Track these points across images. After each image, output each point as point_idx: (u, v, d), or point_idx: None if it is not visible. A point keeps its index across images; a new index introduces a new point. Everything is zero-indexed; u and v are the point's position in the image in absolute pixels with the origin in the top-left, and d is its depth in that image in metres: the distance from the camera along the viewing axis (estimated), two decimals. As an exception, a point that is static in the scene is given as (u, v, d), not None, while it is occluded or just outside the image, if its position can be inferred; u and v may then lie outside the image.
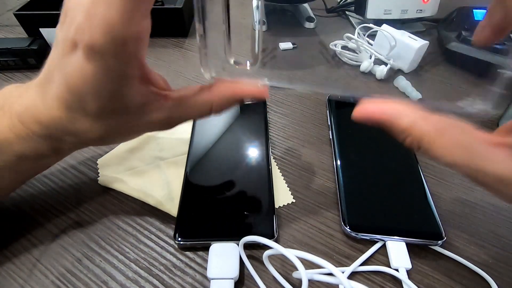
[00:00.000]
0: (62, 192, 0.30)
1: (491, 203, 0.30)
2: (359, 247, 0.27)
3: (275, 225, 0.27)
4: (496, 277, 0.25)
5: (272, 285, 0.24)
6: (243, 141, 0.34)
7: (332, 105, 0.39)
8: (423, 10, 0.53)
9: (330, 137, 0.35)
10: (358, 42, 0.47)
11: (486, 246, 0.27)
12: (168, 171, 0.31)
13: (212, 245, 0.25)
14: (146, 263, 0.25)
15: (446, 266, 0.26)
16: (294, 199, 0.30)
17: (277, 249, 0.21)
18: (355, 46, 0.48)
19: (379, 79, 0.45)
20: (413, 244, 0.26)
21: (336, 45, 0.49)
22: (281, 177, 0.32)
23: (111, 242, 0.27)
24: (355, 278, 0.25)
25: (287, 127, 0.37)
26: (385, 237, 0.26)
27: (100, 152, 0.33)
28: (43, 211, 0.28)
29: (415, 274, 0.25)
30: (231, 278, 0.23)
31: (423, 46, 0.44)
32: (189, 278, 0.25)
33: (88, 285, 0.24)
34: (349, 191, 0.29)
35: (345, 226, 0.27)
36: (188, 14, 0.54)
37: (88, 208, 0.29)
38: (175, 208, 0.28)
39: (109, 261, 0.25)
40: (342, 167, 0.31)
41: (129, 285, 0.24)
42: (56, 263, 0.25)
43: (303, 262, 0.20)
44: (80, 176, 0.31)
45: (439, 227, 0.27)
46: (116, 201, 0.29)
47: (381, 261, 0.26)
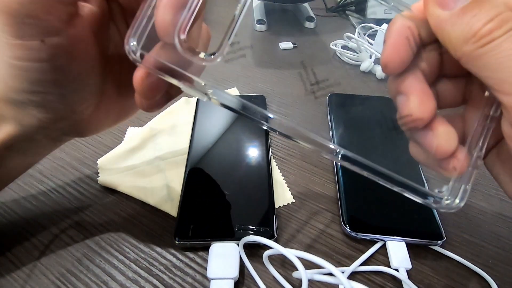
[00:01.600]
0: (62, 192, 0.30)
1: (491, 203, 0.30)
2: (359, 247, 0.27)
3: (275, 225, 0.27)
4: (496, 277, 0.25)
5: (272, 285, 0.24)
6: (243, 141, 0.34)
7: (332, 105, 0.39)
8: (423, 10, 0.53)
9: (330, 137, 0.35)
10: (358, 41, 0.47)
11: (486, 246, 0.27)
12: (168, 171, 0.31)
13: (212, 245, 0.25)
14: (146, 263, 0.26)
15: (446, 266, 0.26)
16: (294, 199, 0.30)
17: (277, 249, 0.21)
18: (355, 45, 0.48)
19: (380, 79, 0.45)
20: (413, 244, 0.26)
21: (336, 45, 0.49)
22: (281, 177, 0.32)
23: (111, 242, 0.27)
24: (355, 278, 0.25)
25: (287, 127, 0.37)
26: (385, 237, 0.26)
27: (100, 152, 0.33)
28: (43, 211, 0.28)
29: (415, 274, 0.25)
30: (231, 278, 0.23)
31: (423, 46, 0.44)
32: (189, 278, 0.25)
33: (88, 285, 0.24)
34: (349, 191, 0.29)
35: (345, 226, 0.27)
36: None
37: (88, 208, 0.29)
38: (175, 208, 0.28)
39: (109, 261, 0.25)
40: (342, 167, 0.31)
41: (129, 285, 0.24)
42: (56, 263, 0.25)
43: (303, 262, 0.20)
44: (80, 176, 0.31)
45: (439, 227, 0.27)
46: (116, 201, 0.29)
47: (381, 261, 0.26)
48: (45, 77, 0.18)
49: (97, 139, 0.35)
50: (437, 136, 0.16)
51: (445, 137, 0.16)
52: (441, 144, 0.16)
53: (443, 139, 0.16)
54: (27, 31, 0.16)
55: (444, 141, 0.16)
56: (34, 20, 0.16)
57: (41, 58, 0.17)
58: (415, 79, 0.16)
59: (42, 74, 0.18)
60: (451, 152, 0.16)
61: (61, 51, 0.17)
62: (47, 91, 0.18)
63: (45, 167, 0.32)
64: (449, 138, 0.16)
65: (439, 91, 0.18)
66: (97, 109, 0.22)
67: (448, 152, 0.16)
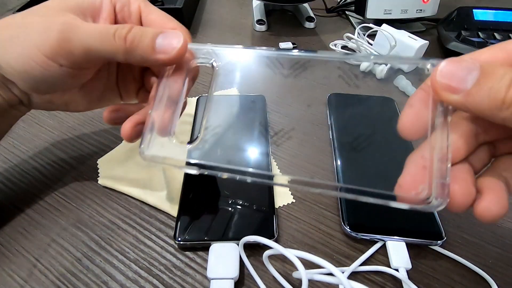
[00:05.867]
0: (62, 192, 0.30)
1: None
2: (359, 247, 0.27)
3: (275, 225, 0.27)
4: (496, 277, 0.25)
5: (272, 285, 0.24)
6: (243, 141, 0.34)
7: (332, 105, 0.39)
8: (423, 10, 0.53)
9: (330, 137, 0.35)
10: (358, 42, 0.47)
11: (486, 246, 0.27)
12: (168, 171, 0.31)
13: (212, 245, 0.25)
14: (146, 263, 0.25)
15: (446, 266, 0.26)
16: (294, 199, 0.30)
17: (277, 249, 0.21)
18: (355, 46, 0.48)
19: (379, 79, 0.45)
20: (413, 244, 0.26)
21: (336, 45, 0.49)
22: (281, 177, 0.32)
23: (111, 242, 0.27)
24: (355, 278, 0.25)
25: (287, 127, 0.37)
26: (385, 237, 0.26)
27: (100, 152, 0.33)
28: (43, 211, 0.28)
29: (415, 274, 0.25)
30: (231, 278, 0.23)
31: (423, 46, 0.44)
32: (189, 278, 0.25)
33: (88, 285, 0.24)
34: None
35: (345, 226, 0.27)
36: (188, 14, 0.54)
37: (88, 208, 0.29)
38: (175, 208, 0.28)
39: (109, 261, 0.25)
40: (342, 167, 0.31)
41: (129, 285, 0.24)
42: (56, 263, 0.25)
43: (303, 262, 0.20)
44: (80, 176, 0.31)
45: (439, 227, 0.27)
46: (116, 201, 0.29)
47: (381, 261, 0.26)
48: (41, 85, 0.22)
49: (97, 139, 0.35)
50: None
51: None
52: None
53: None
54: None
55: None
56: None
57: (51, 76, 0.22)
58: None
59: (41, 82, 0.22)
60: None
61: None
62: (38, 88, 0.23)
63: (45, 167, 0.32)
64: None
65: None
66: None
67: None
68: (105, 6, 0.24)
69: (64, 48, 0.20)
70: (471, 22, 0.50)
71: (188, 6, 0.53)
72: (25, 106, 0.25)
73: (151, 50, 0.21)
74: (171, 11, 0.50)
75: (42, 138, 0.35)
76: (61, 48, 0.20)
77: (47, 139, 0.35)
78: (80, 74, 0.23)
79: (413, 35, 0.45)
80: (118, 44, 0.20)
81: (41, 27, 0.21)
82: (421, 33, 0.56)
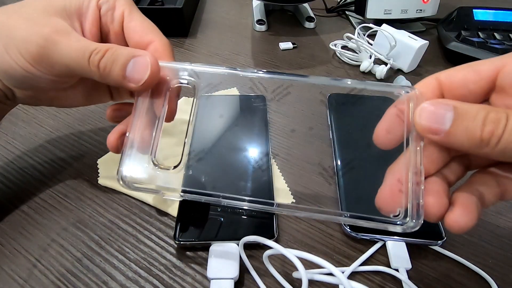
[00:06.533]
0: (62, 192, 0.30)
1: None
2: (359, 247, 0.27)
3: (275, 225, 0.27)
4: (496, 277, 0.25)
5: (272, 285, 0.24)
6: (243, 141, 0.34)
7: (332, 105, 0.39)
8: (423, 10, 0.53)
9: (330, 137, 0.35)
10: (358, 42, 0.47)
11: (486, 246, 0.27)
12: (168, 171, 0.31)
13: (212, 245, 0.25)
14: (146, 263, 0.25)
15: (446, 266, 0.26)
16: (294, 199, 0.30)
17: (277, 249, 0.21)
18: (355, 46, 0.48)
19: (379, 79, 0.45)
20: (413, 244, 0.26)
21: (336, 45, 0.49)
22: (281, 177, 0.32)
23: (111, 242, 0.27)
24: (355, 278, 0.25)
25: (287, 127, 0.37)
26: (385, 237, 0.26)
27: (100, 152, 0.33)
28: (43, 211, 0.28)
29: (415, 274, 0.25)
30: (231, 278, 0.23)
31: (423, 46, 0.44)
32: (189, 278, 0.25)
33: (88, 285, 0.24)
34: (349, 191, 0.29)
35: (345, 226, 0.27)
36: (188, 14, 0.54)
37: (88, 208, 0.29)
38: (175, 208, 0.28)
39: (109, 261, 0.25)
40: (342, 167, 0.31)
41: (129, 285, 0.24)
42: (56, 263, 0.25)
43: (303, 262, 0.20)
44: (80, 176, 0.31)
45: (439, 227, 0.27)
46: (116, 201, 0.29)
47: (381, 261, 0.26)
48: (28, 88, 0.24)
49: (97, 139, 0.35)
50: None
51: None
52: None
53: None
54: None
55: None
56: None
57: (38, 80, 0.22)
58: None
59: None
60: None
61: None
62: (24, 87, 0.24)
63: (45, 167, 0.32)
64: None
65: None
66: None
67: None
68: (91, 9, 0.24)
69: (44, 61, 0.21)
70: (471, 22, 0.50)
71: (188, 6, 0.53)
72: (10, 100, 0.25)
73: (122, 79, 0.21)
74: (171, 11, 0.50)
75: (42, 138, 0.35)
76: (42, 61, 0.21)
77: (47, 139, 0.35)
78: (62, 81, 0.23)
79: (413, 35, 0.45)
80: (92, 69, 0.21)
81: (24, 34, 0.21)
82: (421, 33, 0.56)
